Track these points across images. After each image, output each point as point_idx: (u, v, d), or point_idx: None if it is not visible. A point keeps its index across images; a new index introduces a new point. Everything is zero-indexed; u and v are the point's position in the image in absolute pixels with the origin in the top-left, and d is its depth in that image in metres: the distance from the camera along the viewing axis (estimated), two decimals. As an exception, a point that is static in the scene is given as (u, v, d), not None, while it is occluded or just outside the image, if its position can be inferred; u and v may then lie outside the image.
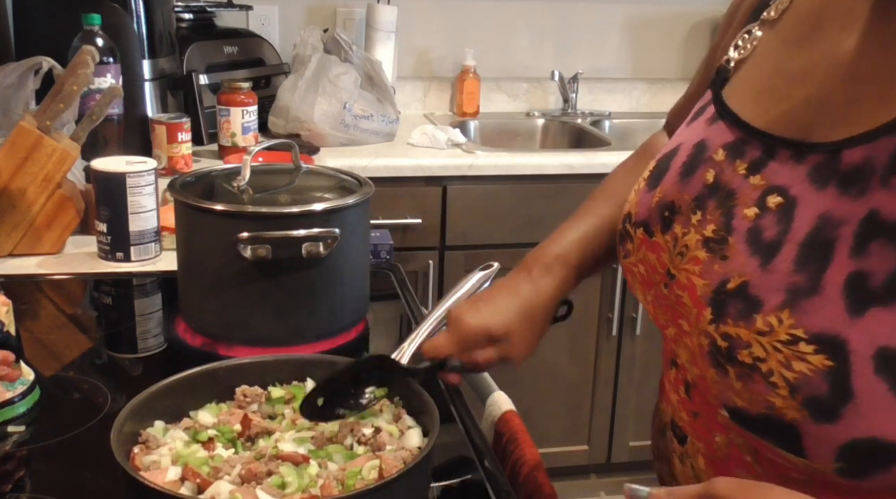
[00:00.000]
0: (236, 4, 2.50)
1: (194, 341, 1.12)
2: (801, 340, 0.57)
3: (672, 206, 0.70)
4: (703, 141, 0.70)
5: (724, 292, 0.63)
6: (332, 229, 1.05)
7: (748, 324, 0.60)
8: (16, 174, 1.39)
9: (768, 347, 0.59)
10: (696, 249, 0.66)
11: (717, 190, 0.67)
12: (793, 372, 0.57)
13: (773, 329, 0.58)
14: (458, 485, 0.89)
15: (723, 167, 0.67)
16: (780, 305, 0.58)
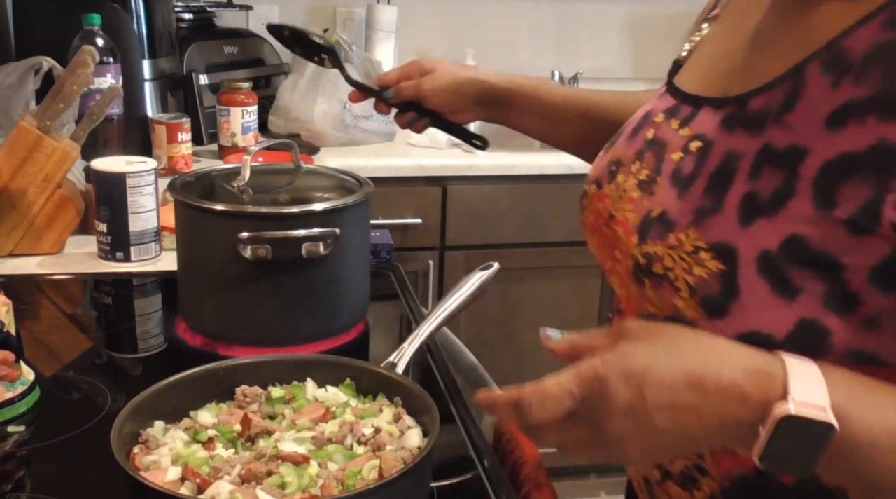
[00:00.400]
0: (236, 4, 2.50)
1: (194, 341, 1.12)
2: (701, 250, 0.68)
3: (618, 161, 0.82)
4: (650, 111, 0.83)
5: (648, 220, 0.74)
6: (332, 229, 1.05)
7: (664, 242, 0.71)
8: (16, 174, 1.39)
9: (676, 257, 0.70)
10: (632, 191, 0.78)
11: (653, 143, 0.79)
12: (693, 276, 0.68)
13: (681, 243, 0.69)
14: (458, 485, 0.90)
15: (660, 126, 0.80)
16: (689, 223, 0.69)
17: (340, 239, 1.05)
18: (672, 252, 0.70)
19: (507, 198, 2.20)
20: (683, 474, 0.78)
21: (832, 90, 0.64)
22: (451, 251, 2.24)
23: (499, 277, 1.02)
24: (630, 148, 0.81)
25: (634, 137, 0.82)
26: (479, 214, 2.21)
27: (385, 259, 1.45)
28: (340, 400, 0.85)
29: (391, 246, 1.47)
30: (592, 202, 0.84)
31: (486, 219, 2.22)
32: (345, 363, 0.89)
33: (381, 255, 1.44)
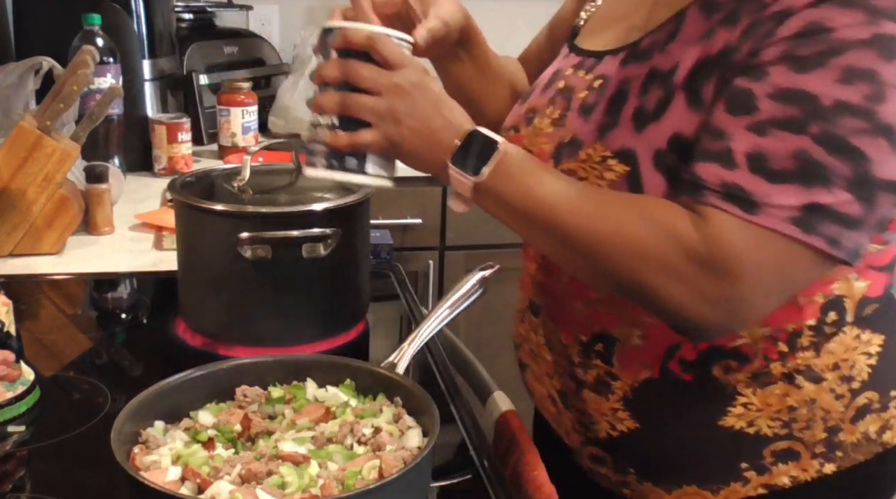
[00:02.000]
0: (236, 4, 2.50)
1: (194, 341, 1.12)
2: (608, 158, 0.81)
3: (534, 108, 0.95)
4: (559, 69, 0.96)
5: (561, 145, 0.87)
6: (332, 229, 1.05)
7: (575, 158, 0.84)
8: (16, 174, 1.39)
9: (588, 168, 0.83)
10: (546, 128, 0.91)
11: (564, 91, 0.91)
12: (604, 180, 0.81)
13: (590, 157, 0.83)
14: (458, 485, 0.90)
15: (570, 78, 0.92)
16: (594, 139, 0.83)
17: (340, 239, 1.05)
18: (584, 165, 0.83)
19: (507, 198, 2.20)
20: (597, 381, 0.90)
21: (706, 21, 0.79)
22: (451, 251, 2.24)
23: (499, 277, 1.02)
24: (543, 97, 0.94)
25: (547, 89, 0.94)
26: (479, 214, 2.20)
27: (385, 259, 1.45)
28: (340, 400, 0.85)
29: (391, 246, 1.47)
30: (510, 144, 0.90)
31: (486, 219, 2.21)
32: (345, 363, 0.89)
33: (381, 255, 1.44)
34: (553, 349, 0.95)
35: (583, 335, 0.90)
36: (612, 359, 0.88)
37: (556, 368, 0.95)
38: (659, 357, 0.86)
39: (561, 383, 0.95)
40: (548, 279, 0.94)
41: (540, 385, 1.00)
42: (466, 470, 0.91)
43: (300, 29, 2.40)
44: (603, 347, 0.89)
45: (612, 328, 0.87)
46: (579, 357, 0.91)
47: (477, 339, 2.23)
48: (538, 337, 0.97)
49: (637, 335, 0.86)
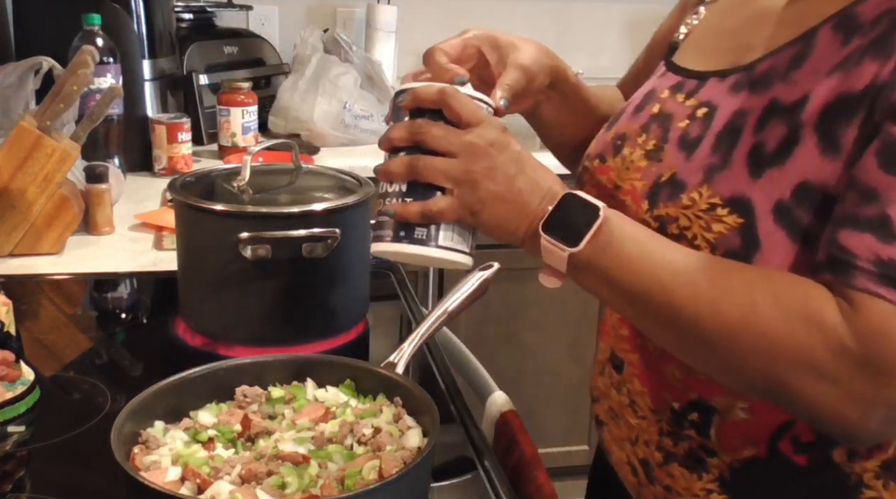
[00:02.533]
0: (236, 4, 2.50)
1: (194, 341, 1.12)
2: (717, 207, 0.69)
3: (623, 135, 0.83)
4: (653, 89, 0.84)
5: (657, 185, 0.75)
6: (332, 229, 1.05)
7: (675, 203, 0.72)
8: (16, 174, 1.39)
9: (691, 216, 0.71)
10: (639, 161, 0.79)
11: (659, 116, 0.80)
12: (712, 233, 0.70)
13: (695, 203, 0.71)
14: (458, 485, 0.90)
15: (665, 101, 0.81)
16: (700, 182, 0.71)
17: (340, 239, 1.05)
18: (686, 212, 0.71)
19: (507, 198, 2.20)
20: (689, 455, 0.79)
21: (841, 47, 0.68)
22: (451, 251, 2.24)
23: (499, 277, 1.02)
24: (634, 123, 0.82)
25: (639, 113, 0.83)
26: (479, 214, 2.21)
27: (385, 259, 1.44)
28: (340, 400, 0.85)
29: (391, 246, 1.47)
30: (594, 176, 0.84)
31: (486, 219, 2.22)
32: (345, 363, 0.89)
33: (381, 255, 1.44)
34: (638, 413, 0.84)
35: (675, 402, 0.79)
36: (709, 431, 0.77)
37: (640, 435, 0.84)
38: (768, 434, 0.75)
39: (645, 451, 0.83)
40: (637, 336, 0.83)
41: (619, 449, 0.88)
42: (466, 470, 0.91)
43: (300, 29, 2.40)
44: (699, 418, 0.77)
45: (711, 397, 0.76)
46: (669, 426, 0.80)
47: (477, 339, 2.23)
48: (620, 396, 0.86)
49: (741, 408, 0.75)
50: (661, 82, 0.84)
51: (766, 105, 0.70)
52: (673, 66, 0.84)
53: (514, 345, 2.36)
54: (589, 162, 0.86)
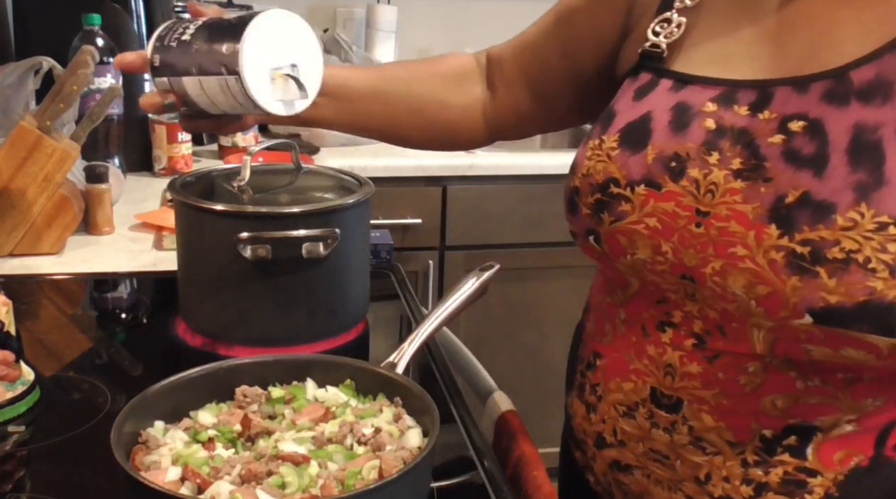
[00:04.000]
0: (236, 4, 2.50)
1: (194, 341, 1.12)
2: (889, 225, 0.65)
3: (677, 156, 0.75)
4: (682, 102, 0.77)
5: (784, 207, 0.69)
6: (332, 229, 1.05)
7: (828, 224, 0.67)
8: (16, 174, 1.39)
9: (859, 238, 0.66)
10: (729, 183, 0.72)
11: (724, 132, 0.74)
12: (889, 253, 0.65)
13: (857, 223, 0.66)
14: (458, 485, 0.90)
15: (720, 114, 0.75)
16: (855, 201, 0.67)
17: (340, 239, 1.05)
18: (848, 233, 0.67)
19: (507, 198, 2.20)
20: (785, 481, 0.75)
21: None
22: (451, 251, 2.24)
23: (499, 277, 1.02)
24: (687, 141, 0.75)
25: (684, 130, 0.76)
26: (479, 214, 2.21)
27: (385, 259, 1.45)
28: (340, 400, 0.85)
29: (391, 246, 1.47)
30: (649, 204, 0.76)
31: (486, 219, 2.22)
32: (345, 363, 0.89)
33: (381, 255, 1.44)
34: (707, 450, 0.78)
35: (768, 430, 0.75)
36: (805, 452, 0.74)
37: (713, 472, 0.78)
38: (872, 442, 0.74)
39: (725, 488, 0.78)
40: (716, 371, 0.77)
41: (670, 493, 0.82)
42: (466, 470, 0.91)
43: (300, 29, 2.40)
44: (796, 441, 0.74)
45: (814, 418, 0.74)
46: (757, 456, 0.76)
47: (477, 339, 2.23)
48: (675, 436, 0.80)
49: (848, 420, 0.73)
50: (690, 96, 0.78)
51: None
52: (687, 77, 0.79)
53: (514, 345, 2.36)
54: (624, 189, 0.78)
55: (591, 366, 0.88)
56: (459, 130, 1.07)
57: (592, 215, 0.80)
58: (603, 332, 0.87)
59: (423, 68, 1.07)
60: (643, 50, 0.84)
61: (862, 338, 0.67)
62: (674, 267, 0.76)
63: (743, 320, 0.73)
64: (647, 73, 0.82)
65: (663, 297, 0.78)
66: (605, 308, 0.87)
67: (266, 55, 0.85)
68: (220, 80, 0.85)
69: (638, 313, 0.81)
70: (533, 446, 0.97)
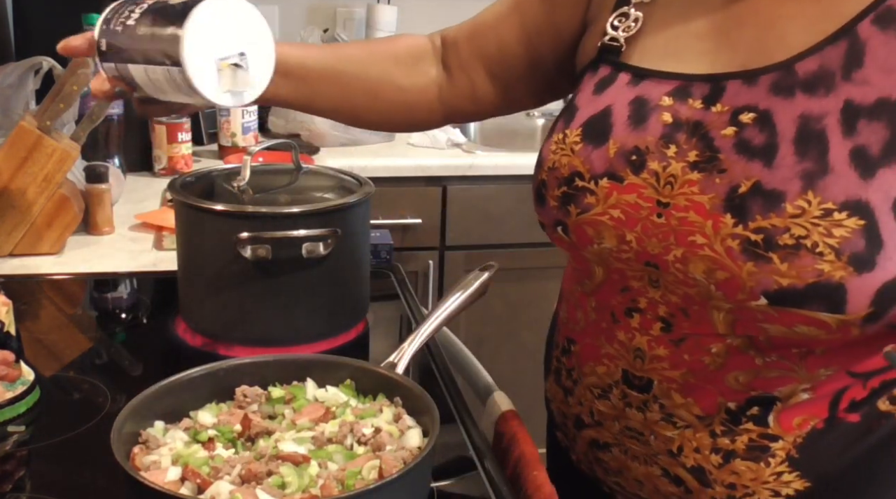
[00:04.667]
0: None
1: (194, 341, 1.12)
2: (833, 211, 0.69)
3: (637, 150, 0.79)
4: (639, 97, 0.81)
5: (737, 197, 0.73)
6: (332, 229, 1.05)
7: (778, 213, 0.71)
8: (16, 174, 1.39)
9: (807, 224, 0.70)
10: (686, 175, 0.76)
11: (680, 125, 0.77)
12: (834, 238, 0.69)
13: (804, 210, 0.70)
14: (458, 485, 0.90)
15: (676, 108, 0.78)
16: (802, 188, 0.70)
17: (340, 239, 1.05)
18: (797, 220, 0.70)
19: (507, 198, 2.20)
20: (750, 448, 0.80)
21: None
22: (451, 251, 2.24)
23: (499, 277, 1.02)
24: (646, 134, 0.78)
25: (643, 124, 0.79)
26: (479, 214, 2.21)
27: (385, 259, 1.45)
28: (340, 400, 0.85)
29: (391, 246, 1.47)
30: (612, 197, 0.79)
31: (486, 219, 2.22)
32: (345, 363, 0.89)
33: (381, 255, 1.44)
34: (678, 425, 0.83)
35: (732, 403, 0.80)
36: (767, 419, 0.79)
37: (684, 444, 0.83)
38: (825, 406, 0.79)
39: (696, 458, 0.83)
40: (681, 353, 0.81)
41: (644, 466, 0.87)
42: (466, 470, 0.91)
43: (300, 29, 2.40)
44: (758, 411, 0.79)
45: (773, 389, 0.79)
46: (724, 426, 0.81)
47: (477, 339, 2.23)
48: (648, 413, 0.84)
49: (803, 389, 0.78)
50: (646, 90, 0.80)
51: (841, 107, 0.71)
52: (644, 71, 0.82)
53: (514, 345, 2.36)
54: (588, 182, 0.81)
55: (566, 351, 0.93)
56: (414, 112, 1.08)
57: (560, 208, 0.84)
58: (575, 319, 0.91)
59: (379, 48, 1.08)
60: (602, 44, 0.87)
61: (813, 316, 0.71)
62: (638, 255, 0.80)
63: (704, 303, 0.77)
64: (606, 66, 0.85)
65: (626, 285, 0.83)
66: (577, 297, 0.91)
67: (211, 44, 0.82)
68: (164, 70, 0.82)
69: (606, 301, 0.85)
70: (533, 445, 0.97)
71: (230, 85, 0.84)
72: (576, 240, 0.84)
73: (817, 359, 0.76)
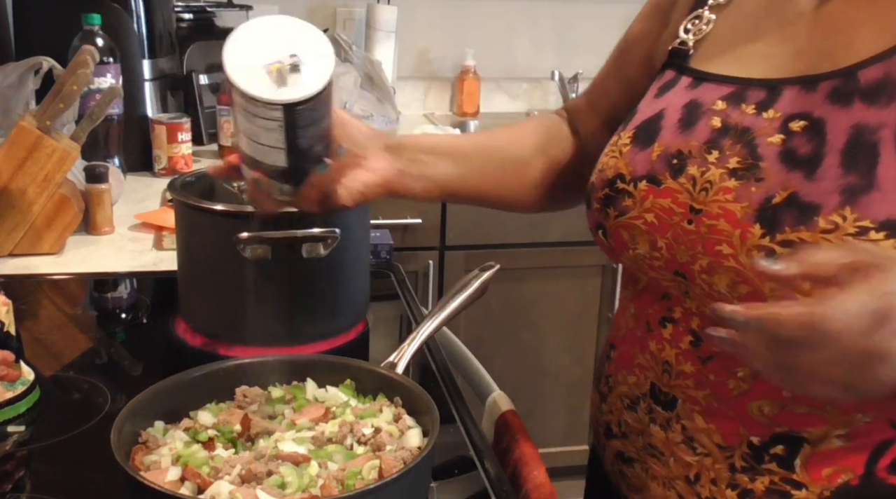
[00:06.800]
0: (236, 4, 2.50)
1: (194, 341, 1.12)
2: (869, 230, 0.64)
3: (680, 154, 0.76)
4: (694, 100, 0.78)
5: (770, 208, 0.69)
6: (332, 229, 1.05)
7: (809, 227, 0.66)
8: (16, 174, 1.39)
9: (835, 241, 0.65)
10: (723, 181, 0.73)
11: (728, 131, 0.74)
12: None
13: (838, 226, 0.65)
14: (458, 485, 0.90)
15: (727, 113, 0.75)
16: (840, 204, 0.66)
17: (340, 239, 1.05)
18: (829, 236, 0.65)
19: (507, 198, 2.20)
20: (770, 491, 0.75)
21: None
22: (451, 251, 2.24)
23: (499, 277, 1.02)
24: (691, 139, 0.76)
25: (691, 128, 0.77)
26: (479, 214, 2.21)
27: (385, 259, 1.45)
28: (340, 400, 0.85)
29: (391, 246, 1.47)
30: (648, 200, 0.77)
31: (486, 219, 2.22)
32: (345, 363, 0.89)
33: (381, 255, 1.44)
34: (697, 450, 0.79)
35: (755, 437, 0.75)
36: (793, 463, 0.74)
37: (702, 473, 0.79)
38: (864, 459, 0.72)
39: (712, 490, 0.78)
40: (707, 372, 0.77)
41: (664, 488, 0.83)
42: (466, 470, 0.91)
43: (300, 29, 2.40)
44: (784, 451, 0.74)
45: (802, 428, 0.73)
46: (745, 462, 0.76)
47: (477, 339, 2.23)
48: (669, 434, 0.81)
49: (837, 435, 0.72)
50: (702, 94, 0.78)
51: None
52: (704, 75, 0.80)
53: (514, 345, 2.36)
54: (628, 184, 0.79)
55: (607, 357, 0.91)
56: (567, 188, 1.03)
57: (601, 210, 0.82)
58: (619, 325, 0.89)
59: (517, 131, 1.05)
60: (672, 47, 0.85)
61: None
62: (668, 263, 0.77)
63: None
64: (671, 70, 0.84)
65: (666, 292, 0.79)
66: (624, 302, 0.89)
67: (253, 56, 0.83)
68: (238, 110, 0.84)
69: (644, 308, 0.83)
70: (533, 446, 0.97)
71: (288, 82, 0.83)
72: (614, 244, 0.82)
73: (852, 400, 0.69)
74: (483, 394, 1.14)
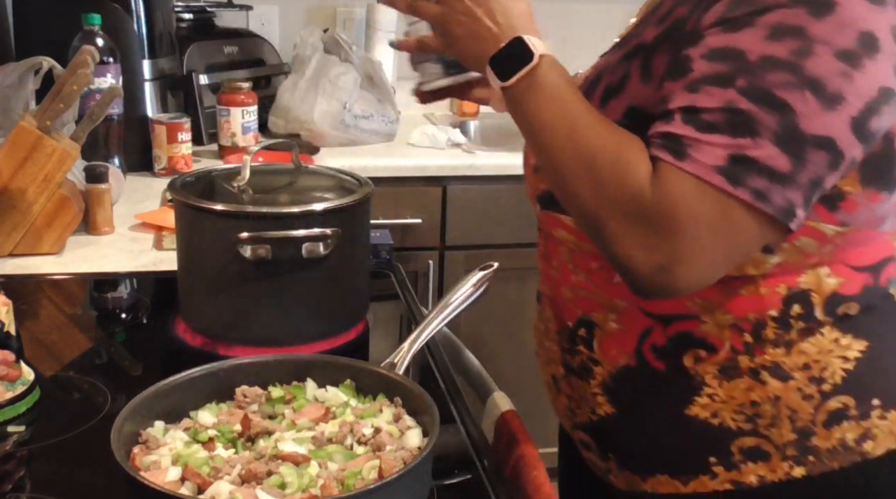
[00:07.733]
0: (236, 4, 2.50)
1: (194, 341, 1.12)
2: None
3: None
4: None
5: None
6: (332, 229, 1.05)
7: None
8: (16, 174, 1.39)
9: None
10: None
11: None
12: None
13: None
14: (458, 485, 0.90)
15: None
16: None
17: (340, 239, 1.05)
18: None
19: (507, 198, 2.20)
20: (581, 367, 0.93)
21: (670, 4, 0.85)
22: (451, 251, 2.24)
23: (499, 277, 1.02)
24: None
25: None
26: (479, 214, 2.21)
27: (385, 259, 1.45)
28: (340, 400, 0.85)
29: (391, 246, 1.47)
30: None
31: (486, 219, 2.22)
32: (345, 363, 0.89)
33: (381, 255, 1.44)
34: (549, 336, 0.99)
35: (569, 321, 0.93)
36: (593, 344, 0.91)
37: (550, 355, 0.99)
38: (634, 343, 0.88)
39: (553, 368, 0.99)
40: (545, 266, 0.99)
41: (543, 372, 1.04)
42: (466, 470, 0.91)
43: (300, 29, 2.39)
44: (585, 333, 0.91)
45: (592, 313, 0.90)
46: (567, 343, 0.94)
47: (477, 339, 2.23)
48: (541, 324, 1.02)
49: (612, 319, 0.89)
50: None
51: (620, 55, 0.88)
52: None
53: (514, 345, 2.36)
54: None
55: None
56: None
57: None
58: None
59: None
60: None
61: (561, 219, 0.90)
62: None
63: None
64: None
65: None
66: None
67: None
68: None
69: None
70: (533, 446, 0.98)
71: None
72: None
73: (610, 284, 0.87)
74: (483, 394, 1.14)
